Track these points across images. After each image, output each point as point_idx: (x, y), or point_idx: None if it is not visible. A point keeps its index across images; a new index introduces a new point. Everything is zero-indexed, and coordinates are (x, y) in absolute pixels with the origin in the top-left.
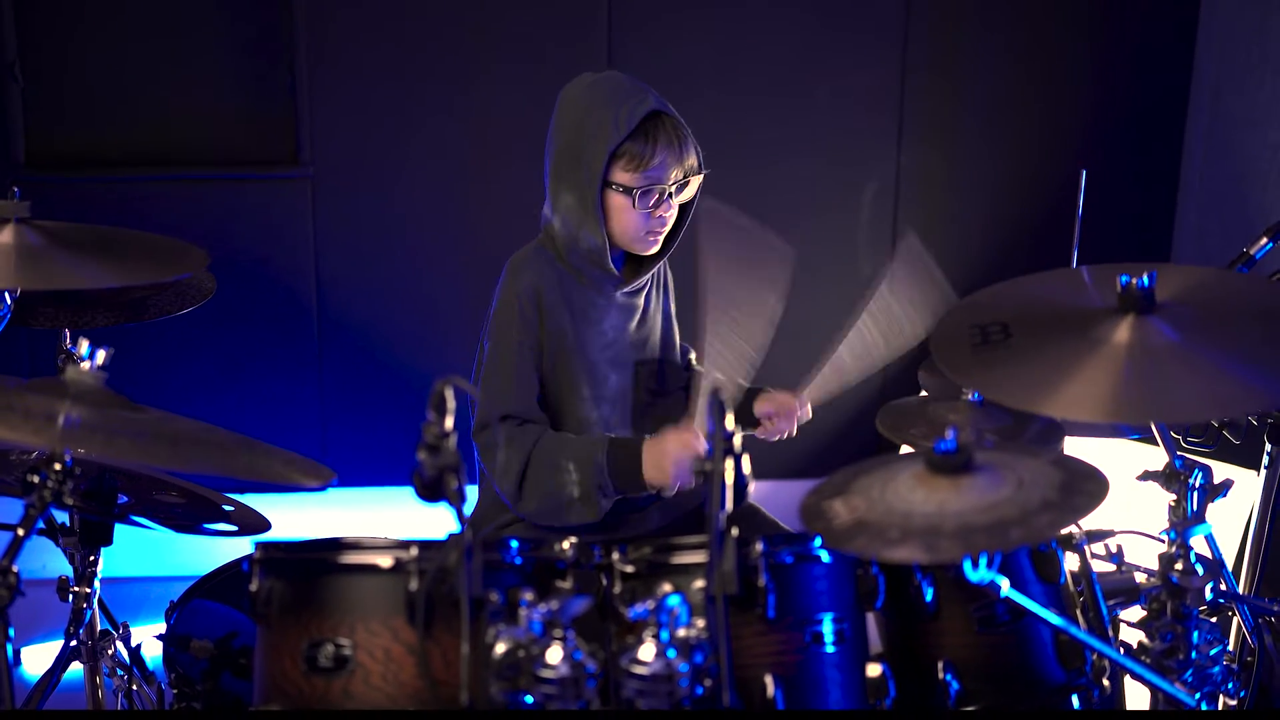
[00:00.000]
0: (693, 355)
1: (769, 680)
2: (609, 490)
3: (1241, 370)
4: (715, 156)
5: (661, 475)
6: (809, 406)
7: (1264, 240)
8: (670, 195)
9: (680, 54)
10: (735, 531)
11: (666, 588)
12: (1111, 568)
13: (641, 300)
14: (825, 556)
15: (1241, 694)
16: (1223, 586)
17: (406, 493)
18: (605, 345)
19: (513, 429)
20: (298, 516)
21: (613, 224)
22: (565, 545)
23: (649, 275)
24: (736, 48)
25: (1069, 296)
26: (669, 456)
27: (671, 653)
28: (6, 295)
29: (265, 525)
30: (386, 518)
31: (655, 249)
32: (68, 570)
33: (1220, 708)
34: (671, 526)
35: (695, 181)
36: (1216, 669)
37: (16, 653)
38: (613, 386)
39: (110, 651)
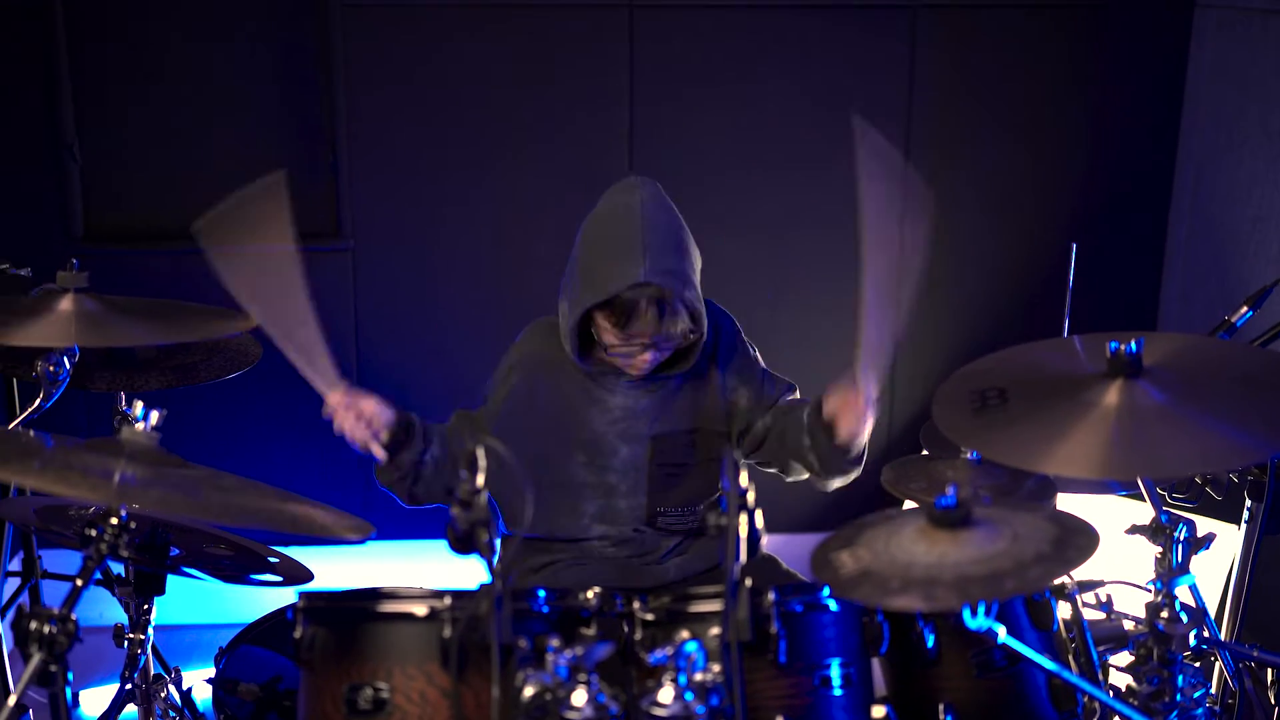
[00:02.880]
0: (796, 394)
1: None
2: None
3: (1223, 429)
4: (729, 228)
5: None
6: (873, 385)
7: (1244, 309)
8: (654, 346)
9: (699, 131)
10: (749, 582)
11: (684, 634)
12: (1101, 616)
13: (661, 385)
14: (833, 605)
15: None
16: (1205, 633)
17: (441, 545)
18: (613, 421)
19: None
20: (339, 567)
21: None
22: (589, 595)
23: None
24: (751, 125)
25: (1062, 363)
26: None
27: (689, 695)
28: (66, 360)
29: (308, 576)
30: (422, 569)
31: (642, 374)
32: (123, 618)
33: None
34: (689, 579)
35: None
36: (1200, 711)
37: (75, 695)
38: (623, 458)
39: (163, 694)
